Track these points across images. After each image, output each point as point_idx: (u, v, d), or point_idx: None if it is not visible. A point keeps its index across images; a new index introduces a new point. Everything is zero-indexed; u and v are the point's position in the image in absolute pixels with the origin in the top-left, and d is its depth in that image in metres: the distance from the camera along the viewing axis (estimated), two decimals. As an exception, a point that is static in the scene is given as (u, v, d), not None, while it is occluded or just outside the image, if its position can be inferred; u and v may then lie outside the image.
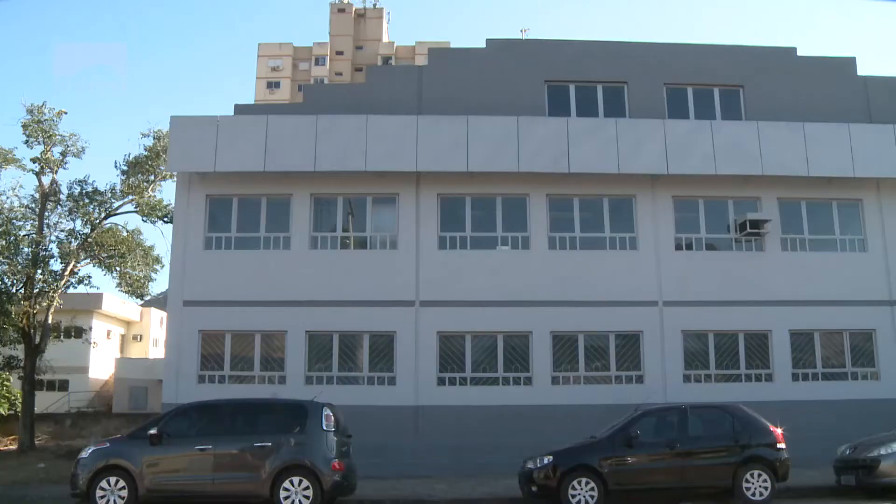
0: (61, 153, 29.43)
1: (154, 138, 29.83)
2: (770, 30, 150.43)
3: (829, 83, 24.20)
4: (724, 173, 22.22)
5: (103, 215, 29.97)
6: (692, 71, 24.18)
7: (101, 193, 29.62)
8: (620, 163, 21.96)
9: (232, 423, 14.12)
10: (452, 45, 55.79)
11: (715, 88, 24.26)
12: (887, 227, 23.15)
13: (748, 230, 22.24)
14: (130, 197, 30.04)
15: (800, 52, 24.73)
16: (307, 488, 13.24)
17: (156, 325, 55.70)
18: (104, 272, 31.26)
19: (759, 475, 14.32)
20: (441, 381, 21.52)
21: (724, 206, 23.11)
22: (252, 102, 64.64)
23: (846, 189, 23.13)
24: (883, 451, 15.04)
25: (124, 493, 13.26)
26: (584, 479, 14.11)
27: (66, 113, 30.21)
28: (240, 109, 23.51)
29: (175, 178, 23.50)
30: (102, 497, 13.25)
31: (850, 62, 24.80)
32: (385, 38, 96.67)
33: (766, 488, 14.24)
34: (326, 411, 13.95)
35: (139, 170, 29.75)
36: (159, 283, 79.91)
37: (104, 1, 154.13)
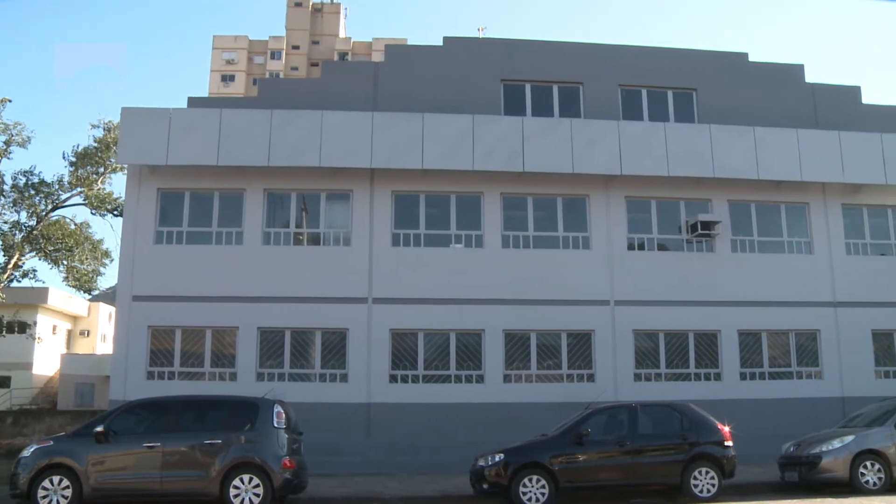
0: (5, 142, 28.76)
1: (104, 129, 29.31)
2: (721, 34, 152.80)
3: (778, 89, 24.64)
4: (677, 175, 22.50)
5: (50, 207, 29.39)
6: (647, 73, 24.44)
7: (47, 185, 29.07)
8: (575, 163, 22.10)
9: (181, 420, 13.90)
10: (409, 43, 55.59)
11: (669, 91, 24.54)
12: (832, 230, 23.67)
13: (699, 231, 22.56)
14: (79, 189, 29.50)
15: (751, 58, 25.11)
16: (257, 486, 13.09)
17: (104, 320, 54.79)
18: (50, 266, 30.73)
19: (707, 472, 14.55)
20: (393, 379, 21.47)
21: (676, 207, 23.41)
22: (206, 95, 63.89)
23: (793, 192, 23.58)
24: (824, 448, 15.46)
25: (68, 492, 12.92)
26: (534, 477, 14.18)
27: (10, 101, 29.55)
28: (193, 102, 23.17)
29: (125, 171, 23.09)
30: (45, 497, 12.88)
31: (798, 69, 25.26)
32: (342, 34, 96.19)
33: (713, 485, 14.47)
34: (277, 408, 13.82)
35: (88, 161, 29.22)
36: (108, 277, 78.67)
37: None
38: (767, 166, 22.77)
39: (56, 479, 12.98)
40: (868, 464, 15.12)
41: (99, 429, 13.29)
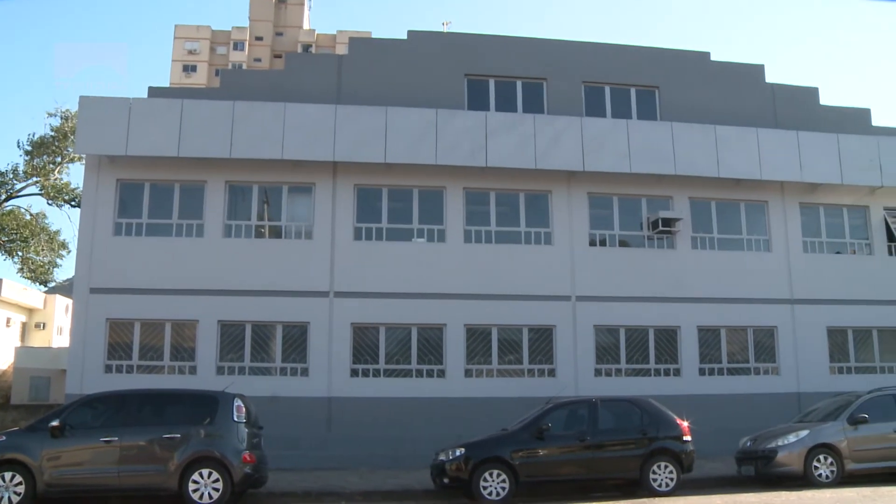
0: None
1: (61, 118, 28.75)
2: (684, 34, 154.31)
3: (739, 88, 24.92)
4: (639, 172, 22.66)
5: (3, 197, 28.79)
6: (610, 70, 24.57)
7: (1, 174, 28.42)
8: (537, 158, 22.16)
9: (139, 414, 13.69)
10: (374, 36, 55.35)
11: (632, 88, 24.69)
12: (790, 229, 24.03)
13: (660, 228, 22.75)
14: (35, 179, 28.92)
15: (713, 58, 25.36)
16: (217, 480, 12.96)
17: (61, 312, 53.83)
18: (4, 257, 30.10)
19: (666, 466, 14.70)
20: (354, 373, 21.38)
21: (638, 203, 23.59)
22: (167, 85, 63.07)
23: (753, 191, 23.88)
24: (780, 443, 15.75)
25: (21, 488, 12.66)
26: (495, 471, 14.22)
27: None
28: (154, 92, 22.80)
29: (83, 161, 22.71)
30: (-4, 494, 12.59)
31: (759, 69, 25.57)
32: (306, 26, 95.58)
33: (671, 479, 14.62)
34: (237, 402, 13.70)
35: (45, 151, 28.65)
36: (65, 269, 77.39)
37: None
38: (728, 164, 23.03)
39: (8, 475, 12.72)
40: (821, 457, 15.43)
41: (54, 423, 13.06)
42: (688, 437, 15.12)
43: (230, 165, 21.65)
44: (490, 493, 14.08)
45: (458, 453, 14.48)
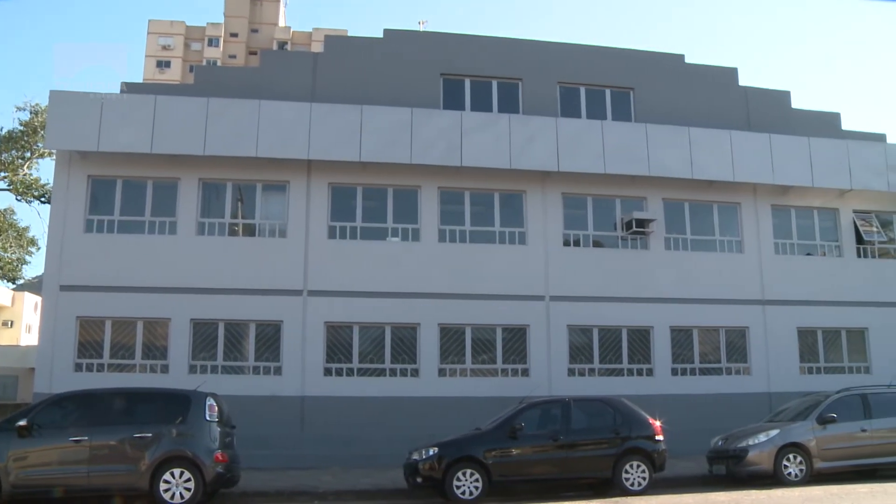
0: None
1: (31, 113, 28.36)
2: (659, 36, 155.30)
3: (712, 91, 25.13)
4: (613, 172, 22.77)
5: (-31, 192, 28.37)
6: (585, 71, 24.66)
7: (-33, 169, 28.02)
8: (512, 158, 22.20)
9: (110, 413, 13.45)
10: (350, 34, 55.26)
11: (607, 89, 24.80)
12: (762, 230, 24.26)
13: (634, 229, 22.88)
14: (3, 174, 28.52)
15: (687, 60, 25.54)
16: (188, 480, 12.81)
17: (29, 310, 53.23)
18: (-30, 254, 29.64)
19: (638, 466, 14.77)
20: (328, 372, 21.31)
21: (612, 204, 23.70)
22: (140, 81, 62.51)
23: (726, 192, 24.08)
24: (751, 442, 15.92)
25: None
26: (468, 471, 14.21)
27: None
28: (127, 88, 22.60)
29: (54, 157, 22.45)
30: (-41, 496, 12.33)
31: (732, 72, 25.80)
32: (281, 23, 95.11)
33: (644, 478, 14.69)
34: (210, 401, 13.55)
35: (13, 145, 28.23)
36: (34, 266, 76.47)
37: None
38: (701, 166, 23.22)
39: None
40: (791, 456, 15.62)
41: (21, 423, 12.82)
42: (660, 437, 15.20)
43: (204, 162, 21.48)
44: (463, 493, 14.08)
45: (431, 452, 14.46)
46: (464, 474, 14.19)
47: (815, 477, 15.55)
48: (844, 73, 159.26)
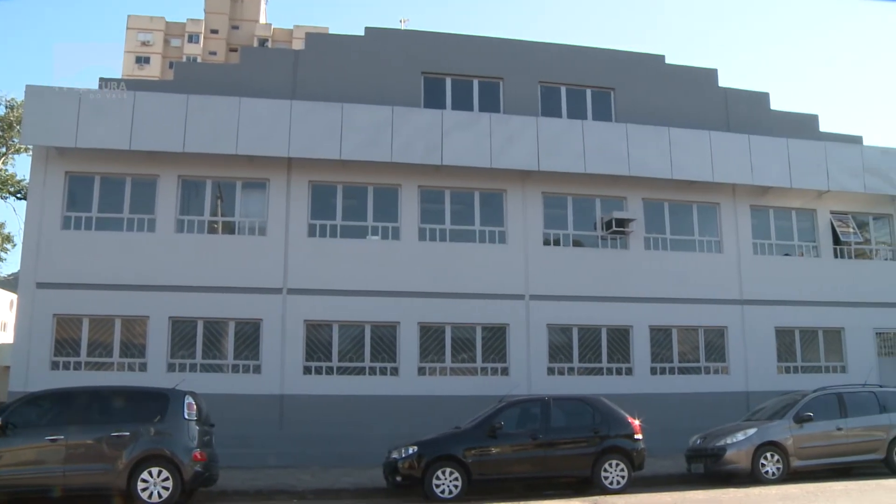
0: None
1: (7, 107, 28.03)
2: (640, 36, 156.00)
3: (692, 92, 25.28)
4: (593, 172, 22.84)
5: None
6: (567, 71, 24.73)
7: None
8: (493, 157, 22.23)
9: (87, 411, 13.30)
10: (331, 32, 55.00)
11: (588, 89, 24.88)
12: (741, 231, 24.44)
13: (614, 228, 22.96)
14: (-24, 169, 28.21)
15: (667, 61, 25.66)
16: (166, 479, 12.69)
17: (4, 307, 52.69)
18: (-56, 249, 29.27)
19: (617, 464, 14.80)
20: (307, 370, 21.23)
21: (592, 203, 23.78)
22: (119, 77, 62.02)
23: (705, 193, 24.22)
24: (729, 441, 16.02)
25: None
26: (448, 469, 14.19)
27: None
28: (105, 83, 22.31)
29: (30, 152, 22.21)
30: (-70, 496, 12.18)
31: (712, 73, 25.97)
32: (262, 20, 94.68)
33: (622, 477, 14.72)
34: (188, 399, 13.44)
35: (-13, 140, 27.92)
36: (10, 263, 75.65)
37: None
38: (681, 166, 23.34)
39: None
40: (768, 455, 15.75)
41: (-4, 422, 12.71)
42: (639, 436, 15.25)
43: (183, 160, 21.33)
44: (443, 492, 14.07)
45: (410, 451, 14.44)
46: (443, 473, 14.17)
47: (792, 475, 15.70)
48: (822, 75, 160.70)
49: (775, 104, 26.33)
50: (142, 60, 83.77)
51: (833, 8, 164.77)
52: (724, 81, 26.16)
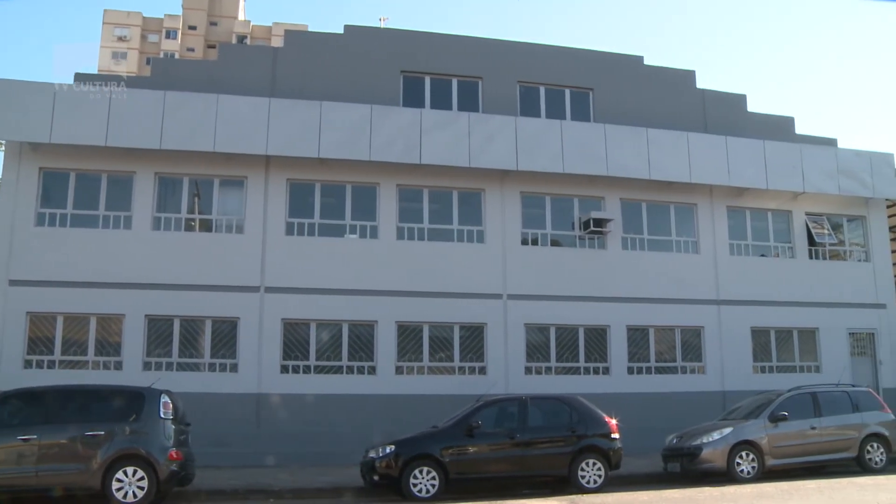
0: None
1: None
2: (619, 37, 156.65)
3: (671, 93, 25.43)
4: (572, 172, 22.91)
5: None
6: (545, 71, 24.79)
7: None
8: (471, 156, 22.23)
9: (61, 410, 13.18)
10: (310, 29, 54.75)
11: (566, 89, 24.96)
12: (717, 231, 24.62)
13: (592, 228, 23.04)
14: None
15: (646, 62, 25.78)
16: (142, 479, 12.59)
17: (-23, 305, 51.94)
18: None
19: (594, 464, 14.86)
20: (284, 369, 21.14)
21: (570, 203, 23.84)
22: (95, 72, 61.42)
23: (683, 193, 24.37)
24: (704, 440, 16.15)
25: None
26: (425, 469, 14.19)
27: None
28: (80, 78, 22.00)
29: (3, 148, 21.94)
30: None
31: (690, 75, 26.13)
32: (241, 16, 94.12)
33: (599, 476, 14.78)
34: (164, 398, 13.34)
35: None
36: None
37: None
38: (659, 167, 23.46)
39: None
40: (743, 454, 15.90)
41: (-34, 421, 12.54)
42: (616, 435, 15.32)
43: (160, 157, 21.16)
44: (420, 491, 14.06)
45: (388, 450, 14.42)
46: (421, 472, 14.17)
47: (767, 474, 15.85)
48: (798, 77, 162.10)
49: (752, 106, 26.56)
50: (118, 56, 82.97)
51: (809, 13, 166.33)
52: (701, 83, 26.35)
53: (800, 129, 26.67)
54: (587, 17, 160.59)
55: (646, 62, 25.77)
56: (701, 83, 26.29)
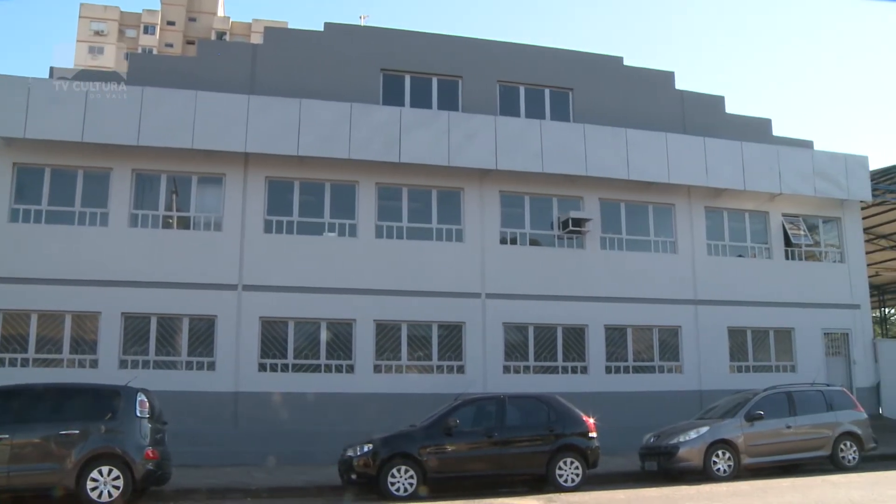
0: None
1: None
2: (599, 38, 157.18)
3: (650, 94, 25.55)
4: (551, 172, 22.96)
5: None
6: (525, 70, 24.83)
7: None
8: (451, 155, 22.23)
9: (34, 409, 13.02)
10: (290, 26, 54.52)
11: (546, 89, 25.01)
12: (695, 232, 24.77)
13: (570, 228, 23.10)
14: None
15: (625, 62, 25.89)
16: (117, 478, 12.48)
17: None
18: None
19: (572, 462, 14.93)
20: (262, 368, 21.04)
21: (549, 203, 23.90)
22: (71, 67, 60.83)
23: (661, 194, 24.49)
24: (681, 439, 16.26)
25: None
26: (403, 467, 14.19)
27: None
28: (56, 73, 21.84)
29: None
30: None
31: (669, 76, 26.27)
32: (220, 13, 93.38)
33: (577, 475, 14.85)
34: (141, 397, 13.25)
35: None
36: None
37: None
38: (637, 167, 23.57)
39: None
40: (720, 453, 16.04)
41: (-64, 421, 12.35)
42: (593, 434, 15.40)
43: (138, 153, 20.98)
44: (398, 489, 14.05)
45: (365, 449, 14.41)
46: (398, 471, 14.17)
47: (743, 472, 16.03)
48: (775, 79, 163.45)
49: (730, 108, 26.76)
50: (95, 50, 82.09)
51: (787, 17, 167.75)
52: (680, 84, 26.48)
53: (777, 130, 26.88)
54: (567, 18, 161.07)
55: (625, 63, 25.88)
56: (680, 84, 26.46)
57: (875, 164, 28.86)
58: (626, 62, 25.92)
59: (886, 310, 54.38)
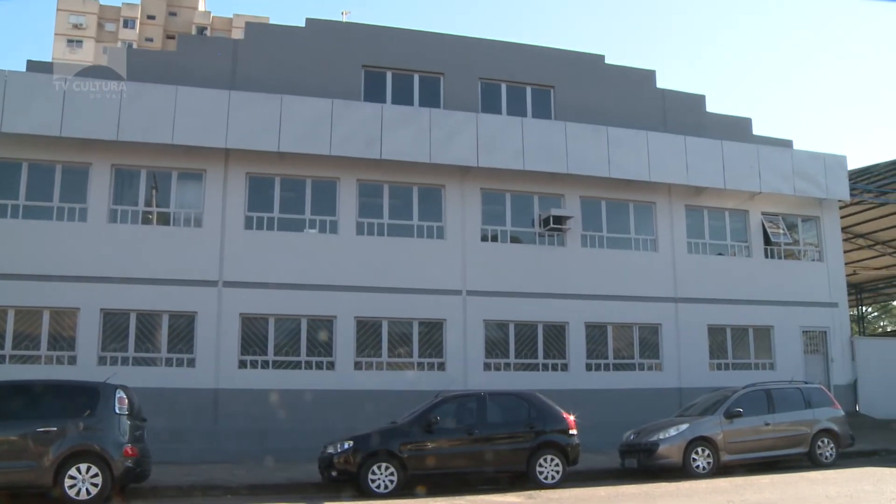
0: None
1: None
2: (580, 36, 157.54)
3: (631, 92, 25.64)
4: (532, 169, 22.99)
5: None
6: (507, 68, 24.84)
7: None
8: (432, 152, 22.21)
9: (10, 406, 12.85)
10: (271, 22, 54.28)
11: (527, 87, 25.05)
12: (675, 230, 24.88)
13: (551, 225, 23.15)
14: None
15: (607, 61, 25.96)
16: (96, 475, 12.37)
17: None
18: None
19: (552, 459, 14.95)
20: (242, 364, 20.94)
21: (530, 200, 23.93)
22: (49, 60, 60.28)
23: (642, 192, 24.58)
24: (661, 436, 16.32)
25: None
26: (384, 464, 14.16)
27: None
28: (33, 66, 21.59)
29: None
30: None
31: (650, 74, 26.37)
32: (201, 7, 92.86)
33: (557, 472, 14.88)
34: (120, 393, 13.12)
35: None
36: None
37: None
38: (618, 165, 23.64)
39: None
40: (699, 450, 16.10)
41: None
42: (574, 431, 15.42)
43: (117, 148, 20.80)
44: (378, 486, 14.02)
45: (346, 446, 14.37)
46: (379, 468, 14.13)
47: (722, 469, 16.09)
48: (755, 78, 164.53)
49: (710, 107, 26.91)
50: (73, 44, 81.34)
51: (767, 16, 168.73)
52: (661, 83, 26.60)
53: (757, 130, 27.06)
54: (549, 16, 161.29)
55: (607, 61, 25.95)
56: (661, 83, 26.58)
57: (853, 164, 29.14)
58: (608, 60, 25.99)
59: (864, 308, 54.88)
